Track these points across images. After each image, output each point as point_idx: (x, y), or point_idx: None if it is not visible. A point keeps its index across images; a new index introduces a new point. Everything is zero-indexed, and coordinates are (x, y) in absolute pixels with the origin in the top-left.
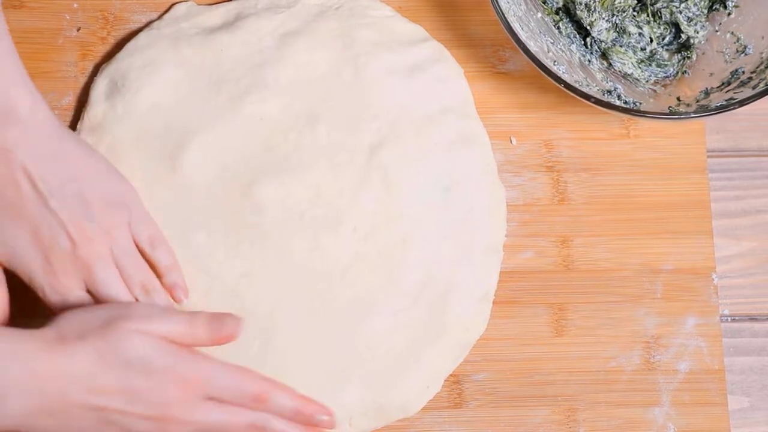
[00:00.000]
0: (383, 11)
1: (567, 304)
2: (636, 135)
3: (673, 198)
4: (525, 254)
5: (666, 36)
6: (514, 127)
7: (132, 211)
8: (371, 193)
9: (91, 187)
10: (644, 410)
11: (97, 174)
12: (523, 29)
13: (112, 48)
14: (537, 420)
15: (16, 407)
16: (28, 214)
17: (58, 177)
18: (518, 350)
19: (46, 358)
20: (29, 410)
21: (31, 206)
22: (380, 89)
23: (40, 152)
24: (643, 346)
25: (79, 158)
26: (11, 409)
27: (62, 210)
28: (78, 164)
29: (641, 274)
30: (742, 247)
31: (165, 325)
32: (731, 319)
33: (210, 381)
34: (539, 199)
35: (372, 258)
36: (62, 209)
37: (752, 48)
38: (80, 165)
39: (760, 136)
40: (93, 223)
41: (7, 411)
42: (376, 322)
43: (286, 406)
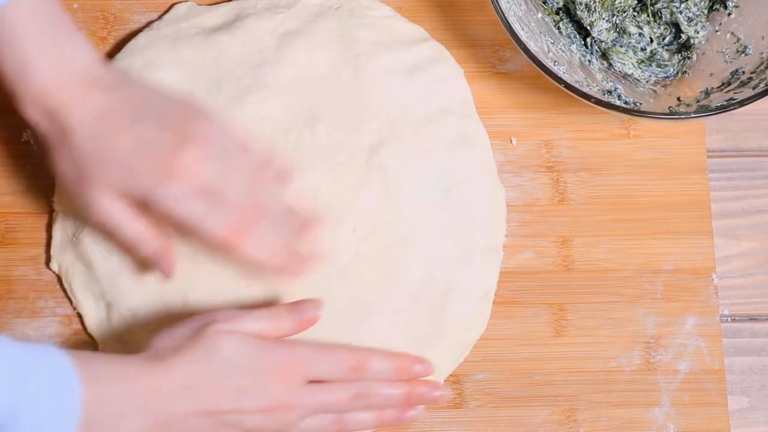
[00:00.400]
0: (383, 11)
1: (567, 304)
2: (636, 135)
3: (673, 198)
4: (525, 254)
5: (666, 36)
6: (514, 127)
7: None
8: (371, 193)
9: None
10: (644, 410)
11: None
12: (524, 29)
13: (112, 48)
14: (537, 420)
15: (134, 427)
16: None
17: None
18: (518, 350)
19: (150, 378)
20: (146, 428)
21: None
22: (380, 89)
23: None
24: (643, 347)
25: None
26: (130, 429)
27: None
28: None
29: (641, 274)
30: (742, 247)
31: (250, 323)
32: (731, 319)
33: (307, 365)
34: (539, 199)
35: (372, 258)
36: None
37: (752, 48)
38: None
39: (760, 136)
40: (188, 125)
41: (123, 429)
42: (376, 321)
43: (382, 369)
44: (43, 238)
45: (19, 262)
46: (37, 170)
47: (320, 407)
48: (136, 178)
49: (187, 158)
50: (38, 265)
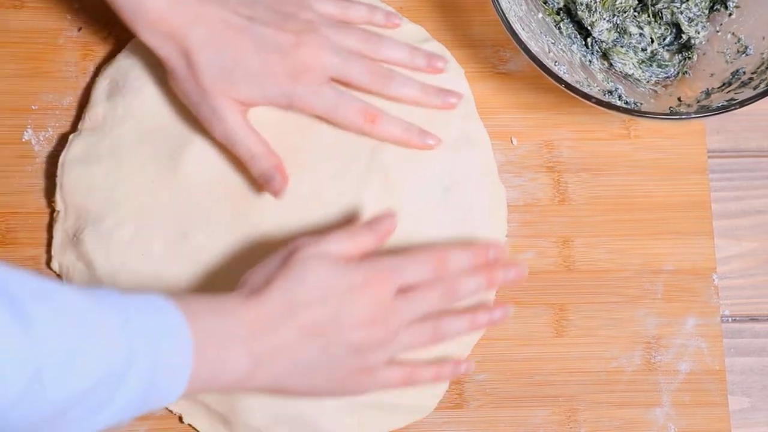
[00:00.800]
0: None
1: (568, 304)
2: (637, 135)
3: (673, 198)
4: (526, 255)
5: (667, 36)
6: (515, 128)
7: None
8: (372, 193)
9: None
10: (645, 411)
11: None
12: (524, 30)
13: (113, 48)
14: (537, 420)
15: (242, 358)
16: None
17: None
18: (519, 350)
19: (248, 310)
20: (255, 358)
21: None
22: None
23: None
24: (644, 347)
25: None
26: (239, 361)
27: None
28: None
29: (642, 274)
30: (743, 247)
31: (334, 244)
32: (732, 319)
33: (394, 273)
34: (540, 199)
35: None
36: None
37: (753, 48)
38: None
39: (761, 137)
40: (293, 18)
41: (240, 365)
42: None
43: (461, 261)
44: (44, 238)
45: (20, 262)
46: (37, 170)
47: (416, 311)
48: (269, 85)
49: (307, 53)
50: (39, 265)
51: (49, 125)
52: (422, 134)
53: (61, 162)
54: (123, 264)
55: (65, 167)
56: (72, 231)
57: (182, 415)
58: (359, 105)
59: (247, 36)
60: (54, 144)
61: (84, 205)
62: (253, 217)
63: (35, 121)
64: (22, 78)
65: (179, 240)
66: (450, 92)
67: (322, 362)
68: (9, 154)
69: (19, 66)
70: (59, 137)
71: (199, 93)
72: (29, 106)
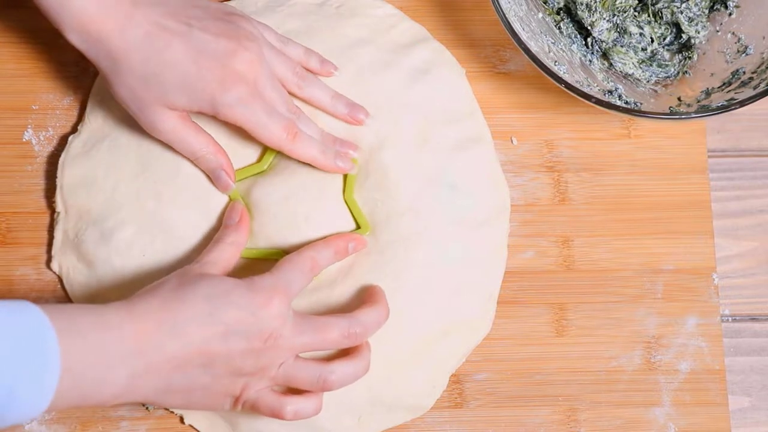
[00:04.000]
0: (385, 10)
1: (568, 304)
2: (637, 135)
3: (673, 198)
4: (526, 254)
5: (667, 36)
6: (515, 127)
7: (252, 19)
8: (372, 193)
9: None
10: (645, 410)
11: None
12: (524, 29)
13: None
14: (538, 420)
15: (123, 375)
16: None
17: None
18: (519, 350)
19: (133, 324)
20: (137, 375)
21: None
22: (381, 89)
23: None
24: (644, 346)
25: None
26: (119, 378)
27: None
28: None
29: (642, 274)
30: (743, 247)
31: (216, 253)
32: (732, 319)
33: (288, 288)
34: (540, 199)
35: (376, 257)
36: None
37: (753, 48)
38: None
39: (761, 136)
40: (236, 29)
41: (118, 380)
42: None
43: (328, 257)
44: (44, 238)
45: (20, 262)
46: (37, 170)
47: (305, 342)
48: (198, 91)
49: (242, 60)
50: (39, 265)
51: (50, 125)
52: (337, 158)
53: (61, 162)
54: (124, 265)
55: (65, 168)
56: (73, 232)
57: (183, 416)
58: (283, 121)
59: (183, 40)
60: (54, 144)
61: (84, 205)
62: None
63: (35, 121)
64: (22, 78)
65: (179, 239)
66: (361, 109)
67: (204, 382)
68: (9, 154)
69: (19, 66)
70: (60, 137)
71: (133, 99)
72: (29, 106)
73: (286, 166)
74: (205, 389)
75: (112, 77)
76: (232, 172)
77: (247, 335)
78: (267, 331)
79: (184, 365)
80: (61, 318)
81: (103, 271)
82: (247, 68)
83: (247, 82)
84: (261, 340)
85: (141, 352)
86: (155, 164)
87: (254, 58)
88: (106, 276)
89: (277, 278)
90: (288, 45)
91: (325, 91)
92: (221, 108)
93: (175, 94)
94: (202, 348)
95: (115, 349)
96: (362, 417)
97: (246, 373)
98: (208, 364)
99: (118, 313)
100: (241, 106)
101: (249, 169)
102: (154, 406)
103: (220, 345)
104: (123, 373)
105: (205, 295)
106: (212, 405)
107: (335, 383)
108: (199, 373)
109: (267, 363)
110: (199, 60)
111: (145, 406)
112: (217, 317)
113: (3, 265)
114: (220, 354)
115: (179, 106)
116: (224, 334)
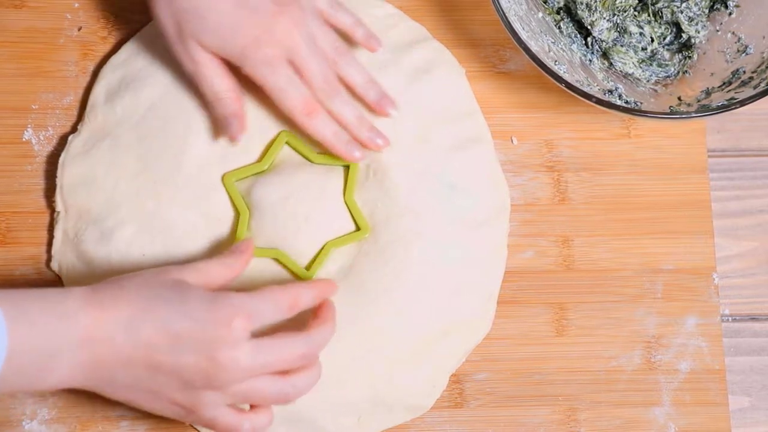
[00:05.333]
0: (385, 9)
1: (567, 303)
2: (637, 135)
3: (673, 198)
4: (526, 254)
5: (667, 36)
6: (515, 127)
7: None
8: (372, 193)
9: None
10: (645, 410)
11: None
12: (524, 29)
13: (113, 48)
14: (537, 420)
15: (66, 366)
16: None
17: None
18: (519, 350)
19: (88, 314)
20: (80, 367)
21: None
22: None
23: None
24: (644, 346)
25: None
26: (62, 368)
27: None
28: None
29: (642, 273)
30: (743, 247)
31: (197, 273)
32: (732, 319)
33: (253, 316)
34: (540, 198)
35: (376, 257)
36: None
37: (753, 48)
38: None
39: (761, 136)
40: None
41: (63, 368)
42: (382, 321)
43: (309, 300)
44: (44, 238)
45: (20, 261)
46: (37, 170)
47: (266, 361)
48: (233, 38)
49: (282, 27)
50: (39, 265)
51: (50, 125)
52: (350, 144)
53: (61, 162)
54: (123, 264)
55: (65, 168)
56: (72, 231)
57: None
58: (304, 94)
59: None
60: (54, 144)
61: (84, 205)
62: (254, 218)
63: (35, 121)
64: (22, 78)
65: (180, 241)
66: (390, 102)
67: (149, 386)
68: (9, 153)
69: (19, 66)
70: (59, 137)
71: (173, 25)
72: (29, 106)
73: (286, 166)
74: (151, 393)
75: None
76: (245, 124)
77: (195, 350)
78: (216, 349)
79: (130, 364)
80: (12, 303)
81: (103, 271)
82: (284, 33)
83: (281, 46)
84: (208, 357)
85: (90, 341)
86: (155, 164)
87: (294, 25)
88: (105, 275)
89: (247, 301)
90: (338, 12)
91: (361, 73)
92: (247, 63)
93: (208, 35)
94: (149, 353)
95: (64, 337)
96: (362, 417)
97: (198, 387)
98: (154, 370)
99: (76, 300)
100: (267, 67)
101: (250, 168)
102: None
103: (167, 354)
104: (69, 362)
105: (166, 299)
106: (161, 411)
107: (297, 395)
108: (146, 377)
109: (222, 382)
110: (240, 11)
111: None
112: (170, 325)
113: (3, 265)
114: (167, 363)
115: (210, 47)
116: (173, 344)
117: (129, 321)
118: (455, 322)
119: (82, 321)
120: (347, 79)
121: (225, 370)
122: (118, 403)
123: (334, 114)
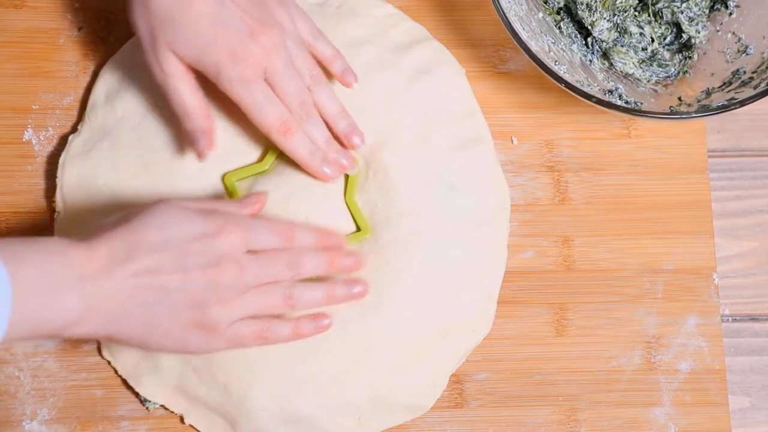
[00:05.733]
0: (385, 9)
1: (568, 303)
2: (637, 135)
3: (673, 198)
4: (526, 254)
5: (667, 36)
6: (515, 127)
7: (290, 6)
8: (372, 194)
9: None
10: (645, 410)
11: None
12: (525, 29)
13: (113, 48)
14: (538, 420)
15: (71, 300)
16: (211, 10)
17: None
18: (519, 350)
19: (81, 251)
20: (86, 300)
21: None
22: (381, 89)
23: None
24: (644, 346)
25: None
26: (67, 304)
27: (240, 2)
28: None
29: (642, 274)
30: (743, 247)
31: (196, 202)
32: (732, 319)
33: (247, 230)
34: (540, 198)
35: (376, 257)
36: (240, 2)
37: (753, 48)
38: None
39: (761, 136)
40: (266, 13)
41: (70, 304)
42: (382, 321)
43: (309, 239)
44: None
45: None
46: (37, 170)
47: (263, 272)
48: (208, 52)
49: (260, 45)
50: None
51: (50, 125)
52: (323, 163)
53: (61, 162)
54: None
55: (65, 168)
56: (73, 232)
57: (183, 416)
58: (280, 113)
59: (213, 3)
60: (54, 144)
61: (84, 205)
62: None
63: (35, 121)
64: (22, 78)
65: None
66: (359, 134)
67: (159, 312)
68: (9, 153)
69: (19, 66)
70: (60, 137)
71: (148, 32)
72: (29, 106)
73: (287, 166)
74: (166, 320)
75: (137, 4)
76: (213, 141)
77: (198, 263)
78: (220, 255)
79: (137, 292)
80: (4, 247)
81: None
82: (261, 53)
83: (257, 65)
84: (215, 265)
85: (90, 277)
86: (155, 164)
87: (272, 45)
88: None
89: (242, 218)
90: (318, 41)
91: (334, 103)
92: (222, 79)
93: (185, 46)
94: (153, 274)
95: (62, 274)
96: (362, 417)
97: (208, 302)
98: (162, 292)
99: (62, 241)
100: (242, 85)
101: (250, 168)
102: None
103: (172, 274)
104: (74, 298)
105: (158, 225)
106: (183, 341)
107: (302, 304)
108: (154, 303)
109: (229, 289)
110: (219, 27)
111: (145, 406)
112: (169, 244)
113: None
114: (173, 280)
115: (185, 58)
116: (175, 259)
117: (126, 252)
118: (455, 322)
119: (75, 259)
120: (320, 106)
121: (229, 274)
122: (118, 403)
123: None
